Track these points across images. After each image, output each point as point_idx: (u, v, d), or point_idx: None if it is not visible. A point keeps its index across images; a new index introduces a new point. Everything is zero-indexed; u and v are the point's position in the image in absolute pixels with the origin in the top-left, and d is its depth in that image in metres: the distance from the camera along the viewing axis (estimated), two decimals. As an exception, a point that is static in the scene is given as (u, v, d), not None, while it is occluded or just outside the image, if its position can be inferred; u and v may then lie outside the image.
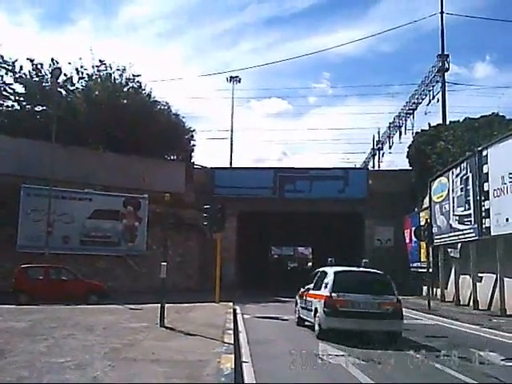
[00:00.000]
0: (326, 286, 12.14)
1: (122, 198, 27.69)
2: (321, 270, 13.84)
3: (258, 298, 23.38)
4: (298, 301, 14.67)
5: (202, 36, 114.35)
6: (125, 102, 32.25)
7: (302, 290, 14.33)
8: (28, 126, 27.88)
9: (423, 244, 24.11)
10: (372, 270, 13.00)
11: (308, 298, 13.40)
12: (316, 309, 12.17)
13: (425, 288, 24.60)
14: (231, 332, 11.21)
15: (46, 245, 22.79)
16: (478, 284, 19.85)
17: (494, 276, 18.36)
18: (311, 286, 13.55)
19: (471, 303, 19.92)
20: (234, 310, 17.22)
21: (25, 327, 11.12)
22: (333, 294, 11.62)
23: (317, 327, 11.83)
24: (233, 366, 7.36)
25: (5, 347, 8.47)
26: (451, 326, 14.88)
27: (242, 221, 32.76)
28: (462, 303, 21.33)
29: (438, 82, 35.09)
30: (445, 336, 12.36)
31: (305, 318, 13.64)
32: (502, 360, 9.17)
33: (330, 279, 12.17)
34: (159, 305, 11.87)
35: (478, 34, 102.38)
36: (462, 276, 22.04)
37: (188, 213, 28.28)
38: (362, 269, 13.37)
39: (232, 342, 9.80)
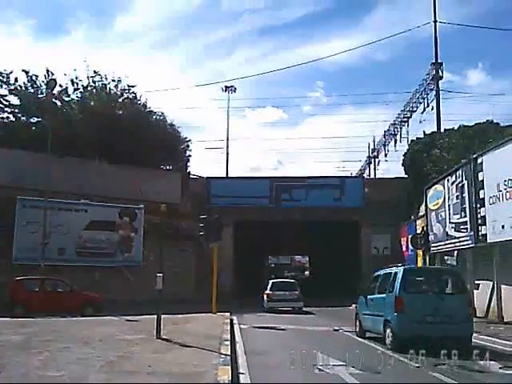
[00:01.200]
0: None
1: (117, 208, 27.64)
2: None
3: (255, 308, 23.32)
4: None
5: (197, 46, 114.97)
6: (120, 112, 32.34)
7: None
8: (23, 138, 27.87)
9: (420, 252, 24.11)
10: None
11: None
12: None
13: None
14: (228, 343, 11.14)
15: (41, 257, 22.68)
16: (475, 291, 19.80)
17: (491, 283, 18.33)
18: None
19: (469, 311, 19.84)
20: (231, 321, 17.13)
21: (20, 340, 11.03)
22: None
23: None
24: (230, 378, 7.32)
25: (0, 361, 8.39)
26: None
27: (238, 230, 32.72)
28: (459, 311, 21.25)
29: (432, 89, 35.30)
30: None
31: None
32: (501, 368, 9.14)
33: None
34: (156, 316, 11.81)
35: (470, 42, 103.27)
36: (459, 283, 21.98)
37: (184, 223, 28.24)
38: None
39: (229, 353, 9.74)
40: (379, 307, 12.22)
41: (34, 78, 31.25)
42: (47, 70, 31.24)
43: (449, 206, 21.40)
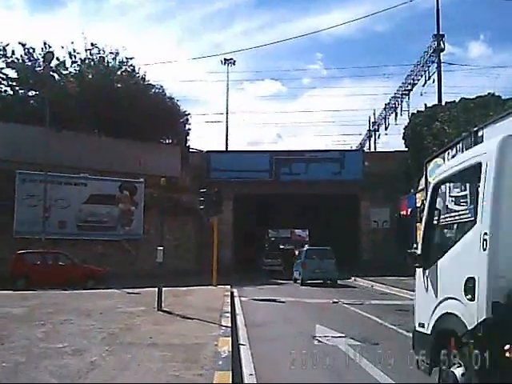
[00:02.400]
0: None
1: (117, 182, 27.65)
2: None
3: (255, 281, 23.50)
4: None
5: (193, 18, 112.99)
6: (118, 85, 32.05)
7: None
8: (21, 111, 27.71)
9: (419, 225, 24.14)
10: None
11: None
12: None
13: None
14: (228, 315, 11.23)
15: (42, 230, 22.76)
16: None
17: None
18: None
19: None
20: (232, 293, 17.26)
21: (22, 313, 11.13)
22: None
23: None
24: (230, 349, 7.38)
25: (2, 333, 8.46)
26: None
27: (238, 204, 32.76)
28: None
29: (433, 62, 34.90)
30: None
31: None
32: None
33: None
34: (156, 289, 11.89)
35: (471, 13, 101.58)
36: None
37: (184, 197, 28.28)
38: None
39: (229, 324, 9.82)
40: (298, 266, 24.52)
41: (31, 50, 30.95)
42: (44, 43, 30.95)
43: (449, 179, 21.37)
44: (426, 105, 31.64)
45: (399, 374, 6.55)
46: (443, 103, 31.12)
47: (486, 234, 4.16)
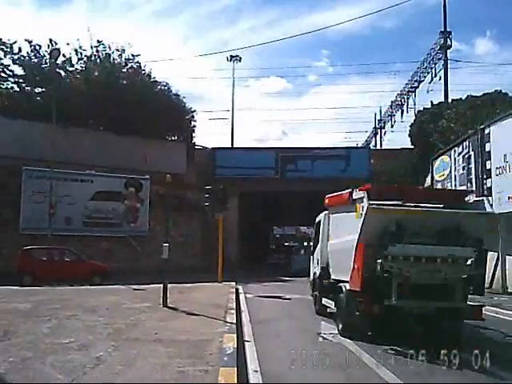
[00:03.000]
0: None
1: (123, 179, 27.68)
2: None
3: (260, 278, 23.53)
4: None
5: (200, 14, 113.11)
6: (124, 82, 32.07)
7: None
8: (28, 108, 27.79)
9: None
10: None
11: None
12: None
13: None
14: (233, 311, 11.25)
15: (48, 226, 22.85)
16: (479, 262, 19.88)
17: (496, 254, 18.36)
18: None
19: (473, 281, 19.95)
20: (237, 290, 17.30)
21: (28, 308, 11.18)
22: None
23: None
24: (235, 346, 7.40)
25: (8, 328, 8.52)
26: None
27: (243, 201, 32.77)
28: (463, 281, 21.36)
29: (440, 59, 34.78)
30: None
31: None
32: (504, 337, 9.22)
33: None
34: (162, 285, 11.92)
35: (477, 10, 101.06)
36: (463, 254, 22.06)
37: (190, 193, 28.32)
38: None
39: (234, 321, 9.84)
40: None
41: (37, 47, 30.97)
42: (50, 40, 30.93)
43: (455, 176, 21.31)
44: (432, 102, 31.56)
45: (405, 373, 6.56)
46: (449, 100, 31.00)
47: (321, 248, 12.11)
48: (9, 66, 30.69)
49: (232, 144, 43.23)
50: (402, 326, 9.44)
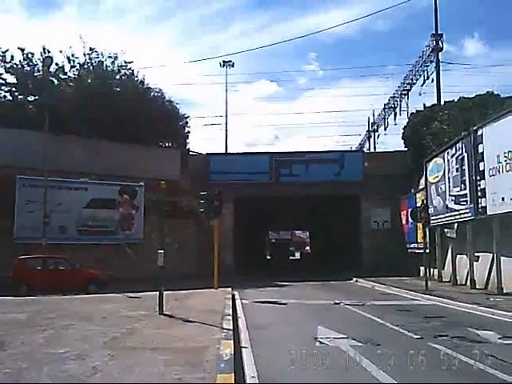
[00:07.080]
0: None
1: (117, 186, 27.66)
2: None
3: (256, 283, 23.49)
4: None
5: (191, 19, 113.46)
6: (118, 89, 32.05)
7: None
8: (20, 116, 27.67)
9: (420, 225, 24.20)
10: None
11: None
12: None
13: (422, 269, 24.71)
14: (230, 318, 11.24)
15: (43, 235, 22.76)
16: (474, 263, 19.95)
17: (491, 255, 18.44)
18: None
19: (468, 283, 20.02)
20: (233, 296, 17.28)
21: (24, 318, 11.14)
22: None
23: None
24: (232, 352, 7.39)
25: (4, 339, 8.48)
26: (448, 305, 14.96)
27: (238, 206, 32.78)
28: (459, 283, 21.45)
29: (432, 61, 34.97)
30: (442, 316, 12.42)
31: None
32: (499, 338, 9.24)
33: None
34: (158, 292, 11.89)
35: (466, 10, 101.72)
36: (458, 256, 22.15)
37: (184, 200, 28.25)
38: None
39: (231, 327, 9.83)
40: None
41: (29, 55, 30.91)
42: (43, 48, 30.90)
43: (449, 178, 21.40)
44: (424, 104, 31.76)
45: (401, 374, 6.56)
46: (442, 103, 31.15)
47: None
48: (1, 74, 30.65)
49: (226, 149, 43.34)
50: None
